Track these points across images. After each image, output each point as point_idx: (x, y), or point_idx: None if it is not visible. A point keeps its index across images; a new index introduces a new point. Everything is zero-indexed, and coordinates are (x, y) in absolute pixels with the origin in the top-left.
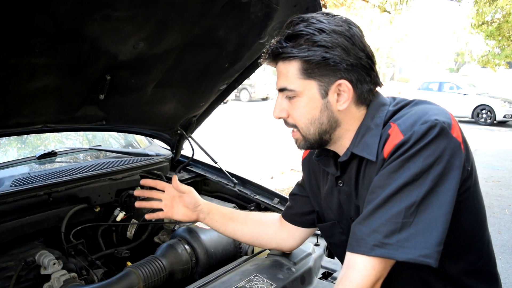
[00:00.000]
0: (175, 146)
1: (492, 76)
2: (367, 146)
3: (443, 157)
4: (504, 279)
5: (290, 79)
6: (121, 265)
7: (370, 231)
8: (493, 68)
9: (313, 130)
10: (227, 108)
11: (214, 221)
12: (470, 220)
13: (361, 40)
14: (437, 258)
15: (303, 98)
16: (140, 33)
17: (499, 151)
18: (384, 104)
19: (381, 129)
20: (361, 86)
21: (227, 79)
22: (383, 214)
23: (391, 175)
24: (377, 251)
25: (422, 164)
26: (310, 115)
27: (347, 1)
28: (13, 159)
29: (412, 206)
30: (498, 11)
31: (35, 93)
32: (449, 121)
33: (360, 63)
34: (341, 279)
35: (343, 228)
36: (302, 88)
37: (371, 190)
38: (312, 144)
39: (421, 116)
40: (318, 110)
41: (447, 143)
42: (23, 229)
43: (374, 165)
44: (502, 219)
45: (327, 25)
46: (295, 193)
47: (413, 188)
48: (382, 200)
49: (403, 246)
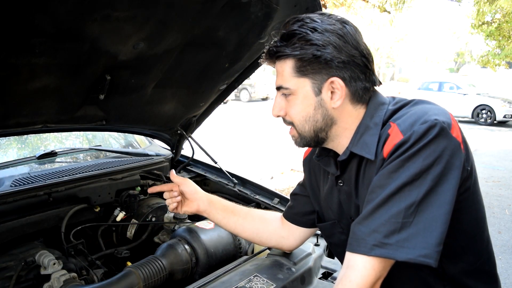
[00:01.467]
0: (175, 146)
1: (492, 76)
2: (366, 145)
3: (442, 157)
4: (504, 279)
5: (285, 77)
6: (121, 265)
7: (370, 231)
8: (493, 68)
9: (308, 127)
10: (227, 108)
11: (215, 214)
12: (470, 220)
13: (354, 38)
14: (436, 258)
15: (298, 96)
16: (140, 33)
17: (499, 151)
18: (383, 103)
19: (380, 129)
20: (355, 84)
21: (227, 79)
22: (382, 214)
23: (391, 175)
24: (376, 251)
25: (421, 164)
26: (305, 113)
27: (347, 1)
28: (13, 159)
29: (411, 206)
30: (498, 11)
31: (35, 93)
32: (448, 121)
33: (353, 60)
34: (340, 279)
35: (343, 227)
36: (296, 86)
37: (371, 190)
38: (308, 142)
39: (421, 116)
40: (312, 108)
41: (446, 143)
42: (23, 229)
43: (374, 164)
44: (502, 219)
45: (320, 24)
46: (297, 192)
47: (413, 188)
48: (381, 200)
49: (402, 246)
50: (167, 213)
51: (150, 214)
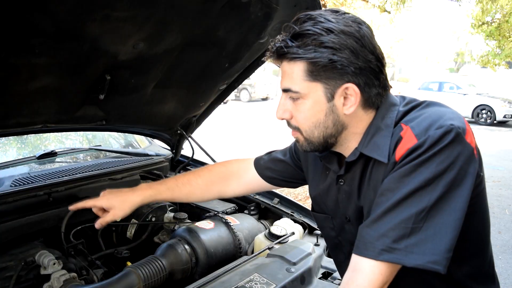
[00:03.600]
0: (175, 146)
1: (492, 76)
2: (378, 147)
3: (456, 163)
4: (504, 279)
5: (295, 80)
6: (121, 265)
7: (379, 235)
8: (493, 68)
9: (317, 133)
10: (227, 108)
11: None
12: (478, 224)
13: (371, 42)
14: (446, 265)
15: (308, 101)
16: (140, 33)
17: (499, 151)
18: (394, 104)
19: (392, 130)
20: (369, 90)
21: (227, 79)
22: (392, 218)
23: (403, 179)
24: (385, 255)
25: (435, 170)
26: (315, 119)
27: (347, 1)
28: (13, 159)
29: (422, 211)
30: (498, 11)
31: (35, 93)
32: (463, 126)
33: (369, 66)
34: (346, 282)
35: (334, 225)
36: (307, 91)
37: (381, 193)
38: (316, 147)
39: (436, 120)
40: (323, 114)
41: (461, 149)
42: (23, 229)
43: (383, 167)
44: (502, 219)
45: (335, 24)
46: (282, 159)
47: (425, 193)
48: (392, 204)
49: (412, 252)
50: (167, 213)
51: (150, 214)
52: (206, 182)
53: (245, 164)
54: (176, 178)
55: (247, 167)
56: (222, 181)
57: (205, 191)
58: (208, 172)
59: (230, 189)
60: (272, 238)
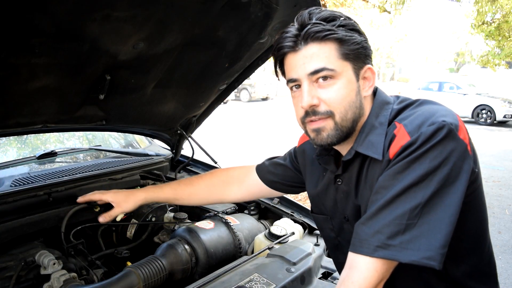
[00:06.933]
0: (175, 146)
1: (492, 76)
2: (372, 145)
3: (450, 159)
4: (504, 279)
5: (329, 59)
6: (121, 265)
7: (374, 232)
8: (493, 68)
9: (350, 115)
10: (227, 108)
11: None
12: (475, 221)
13: None
14: (440, 260)
15: (341, 80)
16: (140, 33)
17: (499, 151)
18: (388, 102)
19: (386, 128)
20: None
21: (227, 79)
22: (387, 215)
23: (396, 176)
24: (380, 252)
25: (428, 166)
26: (349, 98)
27: (347, 1)
28: (13, 159)
29: (416, 207)
30: (498, 11)
31: (35, 93)
32: (456, 123)
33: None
34: (343, 280)
35: (333, 225)
36: (341, 69)
37: (376, 191)
38: (343, 133)
39: (428, 117)
40: (354, 93)
41: (454, 145)
42: (23, 229)
43: (378, 165)
44: (502, 219)
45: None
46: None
47: (419, 189)
48: (386, 201)
49: (406, 248)
50: (167, 213)
51: (150, 214)
52: (208, 185)
53: (247, 170)
54: (179, 180)
55: (249, 172)
56: (224, 184)
57: (207, 194)
58: (210, 175)
59: (231, 193)
60: (272, 238)
